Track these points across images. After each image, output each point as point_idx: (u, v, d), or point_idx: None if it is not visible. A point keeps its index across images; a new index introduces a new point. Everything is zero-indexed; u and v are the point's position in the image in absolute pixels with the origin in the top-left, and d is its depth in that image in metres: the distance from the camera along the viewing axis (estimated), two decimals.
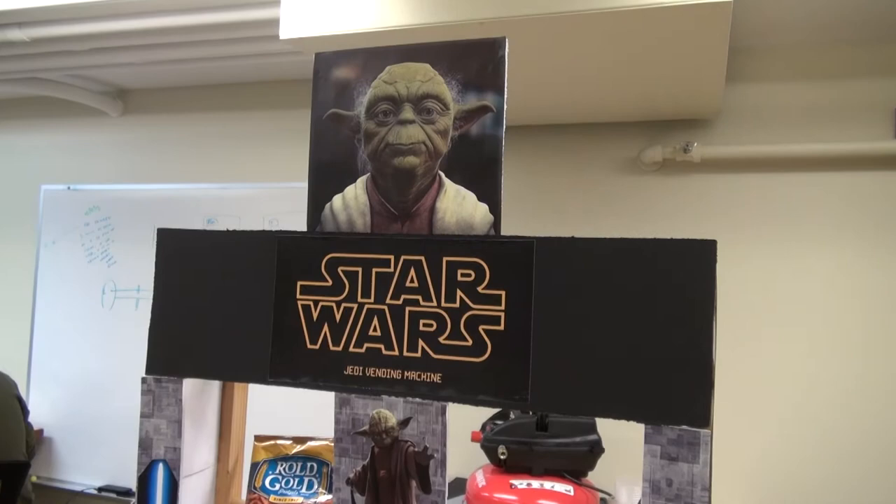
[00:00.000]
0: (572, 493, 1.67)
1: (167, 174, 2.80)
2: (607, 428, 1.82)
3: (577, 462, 1.79)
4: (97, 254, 2.83)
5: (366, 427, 0.80)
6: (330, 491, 0.93)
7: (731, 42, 1.83)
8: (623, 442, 2.06)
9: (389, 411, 0.79)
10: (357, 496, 0.80)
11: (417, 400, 0.78)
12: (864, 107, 1.94)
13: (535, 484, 1.73)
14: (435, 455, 0.77)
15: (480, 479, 1.82)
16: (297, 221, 0.92)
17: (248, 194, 2.59)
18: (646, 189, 2.11)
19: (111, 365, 2.75)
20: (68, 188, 2.90)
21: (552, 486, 1.72)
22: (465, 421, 1.27)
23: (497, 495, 1.70)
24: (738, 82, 2.05)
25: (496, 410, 1.94)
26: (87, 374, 2.79)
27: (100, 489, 2.66)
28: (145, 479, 0.88)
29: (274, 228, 1.79)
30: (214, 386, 0.98)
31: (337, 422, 0.81)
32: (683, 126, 2.09)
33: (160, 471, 0.87)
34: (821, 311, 1.97)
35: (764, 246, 2.01)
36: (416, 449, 0.78)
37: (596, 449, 1.78)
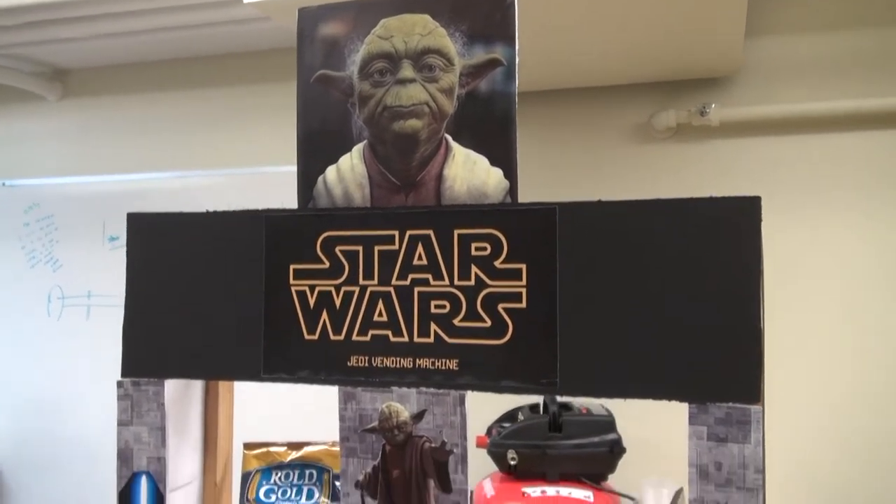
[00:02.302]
0: (592, 499, 1.69)
1: (117, 164, 2.78)
2: (628, 426, 1.84)
3: (595, 465, 1.81)
4: (40, 257, 2.80)
5: (375, 423, 0.80)
6: (333, 499, 0.94)
7: None
8: (645, 442, 2.09)
9: (401, 404, 0.80)
10: (368, 500, 0.81)
11: (432, 390, 0.79)
12: None
13: (551, 491, 1.75)
14: (455, 450, 0.78)
15: (489, 489, 1.83)
16: None
17: (216, 183, 2.57)
18: (658, 158, 2.13)
19: (62, 383, 2.73)
20: (2, 184, 2.87)
21: (569, 493, 1.74)
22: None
23: None
24: (760, 34, 2.07)
25: (502, 412, 1.96)
26: (36, 395, 2.76)
27: None
28: (127, 494, 0.88)
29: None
30: (196, 390, 0.99)
31: (342, 419, 0.82)
32: (699, 86, 2.10)
33: (143, 484, 0.88)
34: (858, 284, 2.00)
35: (792, 217, 2.04)
36: (433, 445, 0.79)
37: (616, 449, 1.80)
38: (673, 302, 0.72)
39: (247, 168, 2.56)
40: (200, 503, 0.99)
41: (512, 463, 1.80)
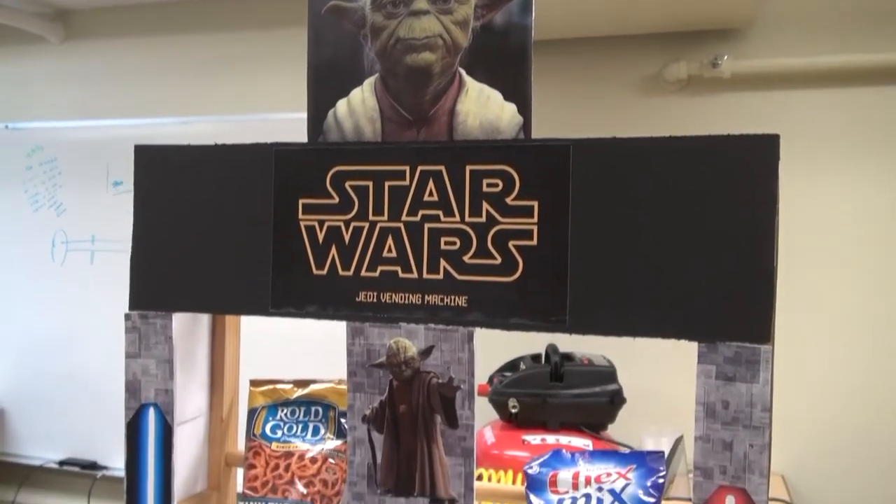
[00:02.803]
0: (591, 448, 1.70)
1: (121, 108, 2.75)
2: (629, 378, 1.85)
3: (595, 414, 1.82)
4: (43, 201, 2.79)
5: (382, 359, 0.80)
6: (338, 436, 0.95)
7: None
8: (646, 393, 2.10)
9: (409, 340, 0.79)
10: (375, 434, 0.81)
11: (441, 326, 0.78)
12: None
13: (550, 439, 1.76)
14: (462, 386, 0.78)
15: (489, 436, 1.85)
16: None
17: (221, 129, 2.55)
18: (669, 111, 2.10)
19: (67, 326, 2.74)
20: (6, 127, 2.85)
21: (569, 441, 1.75)
22: None
23: (508, 452, 1.73)
24: None
25: (504, 362, 1.97)
26: (41, 338, 2.78)
27: (61, 462, 2.68)
28: (135, 425, 0.89)
29: None
30: (203, 326, 0.99)
31: (350, 354, 0.82)
32: (711, 37, 2.06)
33: (151, 416, 0.88)
34: (870, 235, 1.99)
35: (805, 172, 2.01)
36: (440, 380, 0.79)
37: (616, 399, 1.81)
38: (686, 241, 0.71)
39: (253, 115, 2.54)
40: (207, 437, 1.00)
41: (513, 411, 1.82)
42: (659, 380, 2.10)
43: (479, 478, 1.51)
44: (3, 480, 2.77)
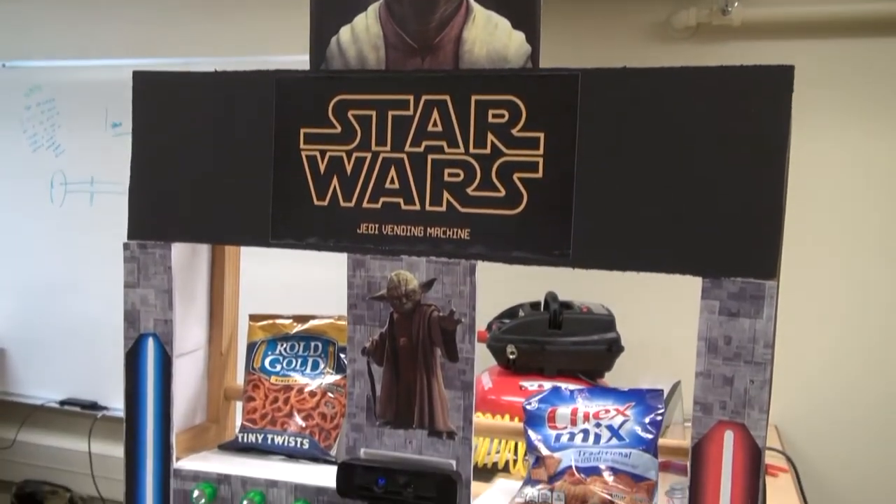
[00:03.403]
0: None
1: (120, 48, 2.71)
2: (628, 328, 1.85)
3: (593, 362, 1.83)
4: (42, 142, 2.76)
5: (383, 291, 0.80)
6: (338, 371, 0.95)
7: None
8: (644, 343, 2.11)
9: (410, 273, 0.79)
10: (374, 367, 0.81)
11: (443, 259, 0.77)
12: None
13: (548, 386, 1.77)
14: (462, 320, 0.78)
15: (486, 382, 1.86)
16: None
17: None
18: (676, 59, 2.07)
19: (66, 268, 2.73)
20: (2, 65, 2.80)
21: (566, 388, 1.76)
22: None
23: (505, 398, 1.74)
24: None
25: (503, 309, 1.96)
26: (41, 279, 2.78)
27: (62, 402, 2.70)
28: (134, 355, 0.89)
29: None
30: (203, 259, 0.98)
31: (350, 286, 0.81)
32: None
33: (150, 346, 0.88)
34: (880, 187, 1.97)
35: (816, 124, 1.99)
36: (440, 314, 0.78)
37: (614, 348, 1.82)
38: (694, 174, 0.70)
39: (255, 56, 2.49)
40: (206, 370, 1.00)
41: (511, 357, 1.82)
42: (657, 330, 2.10)
43: None
44: (4, 419, 2.79)
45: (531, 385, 1.78)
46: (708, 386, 0.70)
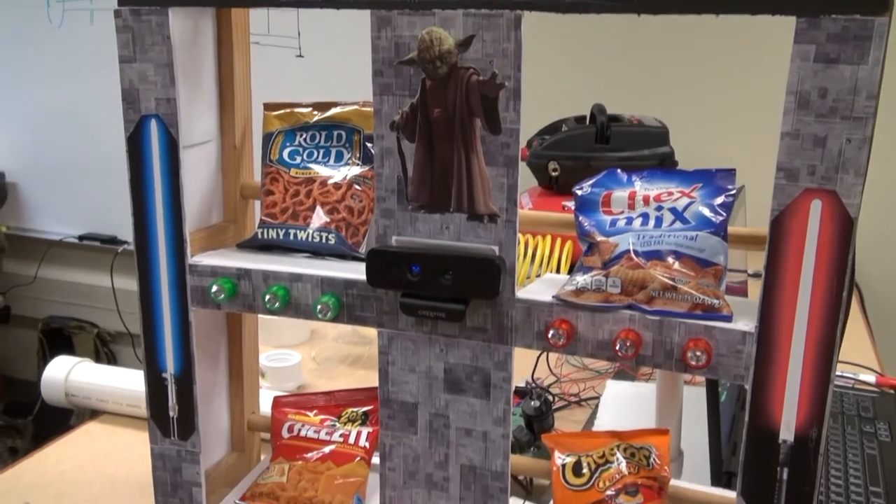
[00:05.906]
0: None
1: None
2: (682, 142, 1.77)
3: None
4: None
5: (413, 53, 0.72)
6: (365, 162, 0.89)
7: None
8: (697, 160, 2.03)
9: (444, 30, 0.70)
10: (405, 143, 0.75)
11: (483, 11, 0.69)
12: None
13: None
14: (506, 84, 0.70)
15: (527, 202, 1.81)
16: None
17: None
18: None
19: (70, 94, 2.68)
20: None
21: None
22: None
23: None
24: None
25: (544, 125, 1.88)
26: (47, 109, 2.73)
27: (81, 237, 2.73)
28: (136, 139, 0.84)
29: None
30: (208, 38, 0.90)
31: (374, 49, 0.73)
32: None
33: (153, 128, 0.82)
34: None
35: None
36: (481, 77, 0.71)
37: (668, 162, 1.74)
38: None
39: None
40: (219, 165, 0.95)
41: (553, 174, 1.76)
42: (715, 145, 2.02)
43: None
44: (23, 255, 2.84)
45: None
46: (795, 148, 0.63)
